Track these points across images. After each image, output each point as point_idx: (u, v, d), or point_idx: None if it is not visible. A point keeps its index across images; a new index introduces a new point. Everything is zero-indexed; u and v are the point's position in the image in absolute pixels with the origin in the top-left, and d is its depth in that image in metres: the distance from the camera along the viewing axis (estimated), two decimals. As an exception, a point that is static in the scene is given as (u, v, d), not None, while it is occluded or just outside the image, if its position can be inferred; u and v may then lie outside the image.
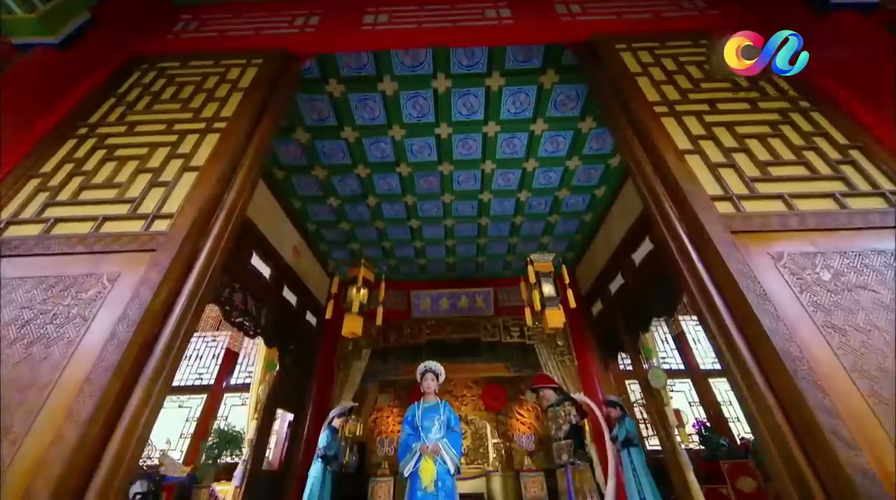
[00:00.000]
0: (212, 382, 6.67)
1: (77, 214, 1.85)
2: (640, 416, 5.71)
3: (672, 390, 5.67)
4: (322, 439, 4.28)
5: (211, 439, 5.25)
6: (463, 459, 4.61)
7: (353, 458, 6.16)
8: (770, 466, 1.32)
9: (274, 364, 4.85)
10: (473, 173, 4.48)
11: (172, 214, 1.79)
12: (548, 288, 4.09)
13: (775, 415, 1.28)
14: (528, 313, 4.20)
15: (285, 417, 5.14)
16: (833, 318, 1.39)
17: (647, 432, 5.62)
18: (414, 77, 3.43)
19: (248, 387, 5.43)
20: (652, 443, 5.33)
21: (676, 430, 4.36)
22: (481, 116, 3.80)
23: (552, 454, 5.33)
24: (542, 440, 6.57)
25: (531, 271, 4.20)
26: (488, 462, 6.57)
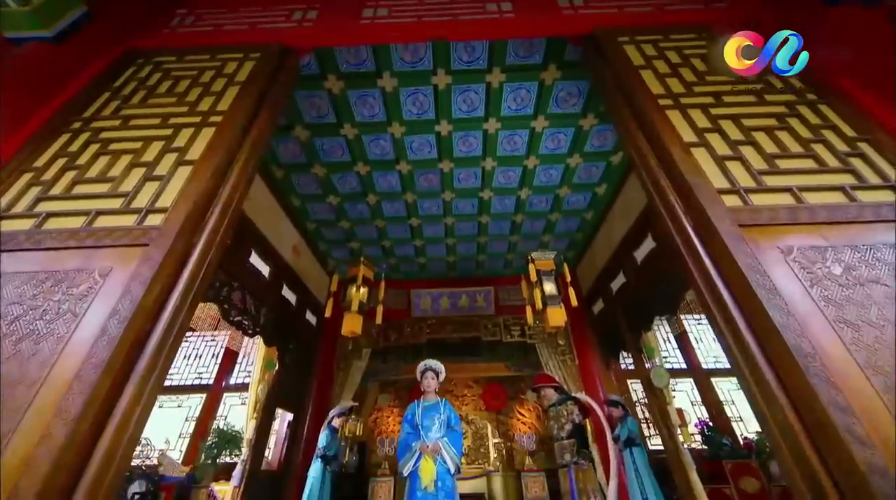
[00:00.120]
0: (211, 381, 6.66)
1: (69, 209, 1.81)
2: (643, 415, 5.69)
3: (674, 390, 5.63)
4: (322, 438, 4.24)
5: (210, 438, 5.22)
6: (463, 459, 4.58)
7: (352, 458, 6.12)
8: (781, 465, 1.28)
9: (273, 363, 4.81)
10: (474, 171, 4.44)
11: (166, 209, 1.76)
12: (549, 286, 4.05)
13: (787, 413, 1.24)
14: (529, 311, 4.16)
15: (285, 416, 5.11)
16: (845, 313, 1.36)
17: (649, 431, 5.60)
18: (414, 73, 3.39)
19: (247, 386, 5.38)
20: (654, 443, 5.31)
21: (679, 430, 4.33)
22: (482, 113, 3.76)
23: (553, 454, 5.28)
24: (543, 439, 6.53)
25: (532, 269, 4.15)
26: (489, 462, 6.53)
